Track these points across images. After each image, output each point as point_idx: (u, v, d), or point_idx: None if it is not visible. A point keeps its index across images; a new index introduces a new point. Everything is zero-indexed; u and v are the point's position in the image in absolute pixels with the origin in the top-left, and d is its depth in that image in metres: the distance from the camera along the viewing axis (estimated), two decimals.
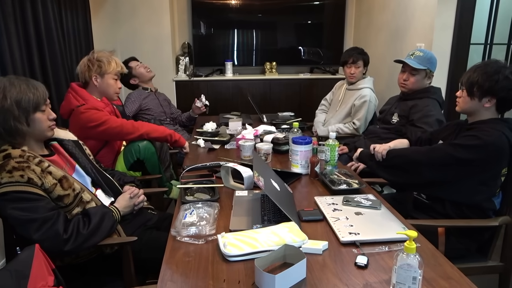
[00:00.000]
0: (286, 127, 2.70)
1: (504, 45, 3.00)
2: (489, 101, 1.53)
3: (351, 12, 4.35)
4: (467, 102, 1.58)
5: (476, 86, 1.53)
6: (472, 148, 1.49)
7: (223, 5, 4.18)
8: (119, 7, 3.77)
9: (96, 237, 1.35)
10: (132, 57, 3.06)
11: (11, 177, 1.24)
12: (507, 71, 1.49)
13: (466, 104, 1.59)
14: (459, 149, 1.52)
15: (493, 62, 1.54)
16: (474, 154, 1.49)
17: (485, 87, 1.51)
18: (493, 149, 1.48)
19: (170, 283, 1.04)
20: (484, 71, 1.52)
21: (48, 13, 2.48)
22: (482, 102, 1.54)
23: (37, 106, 1.34)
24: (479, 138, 1.49)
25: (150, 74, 3.08)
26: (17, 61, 2.17)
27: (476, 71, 1.54)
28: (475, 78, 1.53)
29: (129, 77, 2.99)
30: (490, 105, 1.54)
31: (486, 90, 1.51)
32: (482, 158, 1.49)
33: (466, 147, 1.50)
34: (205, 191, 1.61)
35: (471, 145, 1.49)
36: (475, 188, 1.56)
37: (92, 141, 2.03)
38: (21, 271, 0.96)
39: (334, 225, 1.32)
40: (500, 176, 1.58)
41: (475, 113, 1.60)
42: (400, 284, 0.95)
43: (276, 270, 1.07)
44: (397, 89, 2.43)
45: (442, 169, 1.57)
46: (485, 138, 1.48)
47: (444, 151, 1.57)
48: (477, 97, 1.54)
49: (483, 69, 1.53)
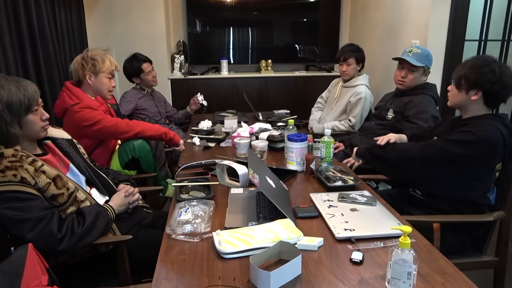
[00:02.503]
0: (282, 124, 2.70)
1: (499, 42, 3.01)
2: (476, 94, 1.54)
3: (346, 9, 4.34)
4: (456, 95, 1.60)
5: (463, 79, 1.55)
6: (467, 144, 1.49)
7: (218, 3, 4.16)
8: (113, 5, 3.75)
9: (90, 236, 1.34)
10: (147, 58, 3.02)
11: (4, 176, 1.23)
12: (494, 65, 1.50)
13: (455, 97, 1.61)
14: (454, 144, 1.52)
15: (483, 57, 1.57)
16: (468, 149, 1.49)
17: (471, 79, 1.52)
18: (487, 144, 1.48)
19: (165, 281, 1.04)
20: (472, 64, 1.54)
21: (41, 11, 2.46)
22: (469, 95, 1.55)
23: (28, 108, 1.31)
24: (474, 133, 1.49)
25: (154, 84, 3.08)
26: (10, 60, 2.16)
27: (465, 65, 1.56)
28: (463, 71, 1.55)
29: (134, 74, 2.98)
30: (477, 98, 1.54)
31: (471, 82, 1.53)
32: (476, 154, 1.49)
33: (460, 143, 1.51)
34: (201, 189, 1.61)
35: (466, 141, 1.50)
36: (470, 184, 1.57)
37: (87, 140, 2.02)
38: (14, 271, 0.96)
39: (330, 221, 1.32)
40: (494, 172, 1.58)
41: (465, 107, 1.61)
42: (395, 279, 0.95)
43: (272, 267, 1.07)
44: (393, 86, 2.43)
45: (435, 165, 1.57)
46: (479, 133, 1.48)
47: (438, 146, 1.57)
48: (464, 89, 1.56)
49: (472, 63, 1.55)
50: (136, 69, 2.94)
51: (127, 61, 2.98)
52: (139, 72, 2.95)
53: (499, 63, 1.52)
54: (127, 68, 2.97)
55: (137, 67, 2.94)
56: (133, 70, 2.95)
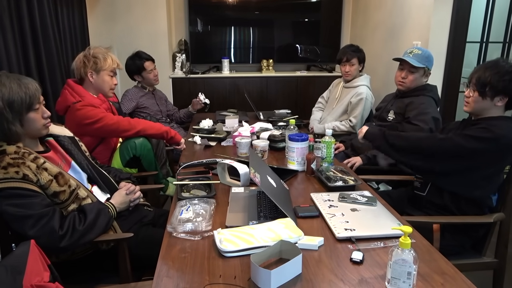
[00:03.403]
0: (283, 124, 2.71)
1: (500, 44, 3.02)
2: (501, 99, 1.54)
3: (347, 10, 4.35)
4: (479, 102, 1.57)
5: (488, 86, 1.53)
6: (484, 140, 1.50)
7: (220, 2, 4.17)
8: (115, 4, 3.75)
9: (92, 234, 1.34)
10: (150, 56, 3.02)
11: (6, 173, 1.24)
12: None
13: (477, 103, 1.58)
14: (471, 140, 1.52)
15: (503, 61, 1.54)
16: (485, 145, 1.50)
17: (498, 87, 1.51)
18: (505, 142, 1.49)
19: (166, 278, 1.04)
20: (496, 71, 1.52)
21: (43, 9, 2.46)
22: (494, 101, 1.55)
23: (30, 106, 1.31)
24: (491, 131, 1.50)
25: (155, 82, 3.08)
26: (12, 57, 2.16)
27: (486, 71, 1.53)
28: (487, 78, 1.52)
29: (136, 72, 2.98)
30: (502, 104, 1.55)
31: (499, 90, 1.52)
32: (492, 151, 1.50)
33: (477, 139, 1.51)
34: (202, 188, 1.62)
35: (483, 137, 1.50)
36: (476, 182, 1.57)
37: (88, 138, 2.02)
38: (16, 267, 0.96)
39: (330, 221, 1.32)
40: (502, 173, 1.59)
41: (485, 111, 1.60)
42: (395, 279, 0.96)
43: (272, 266, 1.08)
44: (394, 86, 2.43)
45: (449, 159, 1.57)
46: (497, 131, 1.49)
47: (455, 141, 1.56)
48: (489, 96, 1.54)
49: (494, 69, 1.52)
50: (138, 67, 2.95)
51: (129, 58, 2.98)
52: (141, 70, 2.95)
53: None
54: (129, 66, 2.97)
55: (139, 65, 2.94)
56: (135, 67, 2.95)
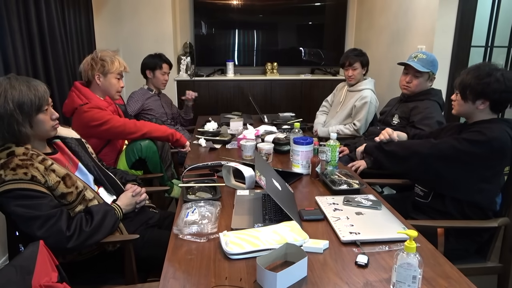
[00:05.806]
0: (287, 127, 2.71)
1: (505, 48, 3.02)
2: (483, 103, 1.56)
3: (352, 13, 4.36)
4: (462, 105, 1.61)
5: (468, 90, 1.55)
6: (477, 143, 1.51)
7: (225, 5, 4.19)
8: (121, 6, 3.78)
9: (98, 235, 1.36)
10: (170, 62, 3.10)
11: (15, 174, 1.25)
12: (498, 74, 1.51)
13: (461, 107, 1.62)
14: (464, 143, 1.53)
15: (485, 65, 1.56)
16: (478, 148, 1.50)
17: (478, 90, 1.53)
18: (497, 144, 1.49)
19: (172, 280, 1.05)
20: (476, 74, 1.54)
21: (51, 12, 2.49)
22: (475, 104, 1.57)
23: (39, 108, 1.33)
24: (484, 134, 1.51)
25: (162, 86, 3.12)
26: (20, 59, 2.19)
27: (468, 74, 1.56)
28: (468, 81, 1.55)
29: (151, 68, 3.02)
30: (484, 107, 1.56)
31: (479, 93, 1.54)
32: (485, 154, 1.51)
33: (470, 142, 1.52)
34: (207, 190, 1.63)
35: (476, 140, 1.51)
36: (476, 185, 1.57)
37: (95, 140, 2.04)
38: (26, 267, 0.97)
39: (335, 224, 1.33)
40: (502, 175, 1.59)
41: (471, 115, 1.62)
42: (400, 283, 0.96)
43: (278, 268, 1.08)
44: (398, 90, 2.44)
45: (445, 162, 1.58)
46: (489, 134, 1.50)
47: (449, 144, 1.57)
48: (470, 100, 1.57)
49: (475, 72, 1.55)
50: (155, 64, 3.01)
51: (150, 56, 3.07)
52: (156, 67, 3.00)
53: (502, 70, 1.53)
54: (147, 61, 3.04)
55: (158, 62, 3.01)
56: (153, 64, 3.01)
